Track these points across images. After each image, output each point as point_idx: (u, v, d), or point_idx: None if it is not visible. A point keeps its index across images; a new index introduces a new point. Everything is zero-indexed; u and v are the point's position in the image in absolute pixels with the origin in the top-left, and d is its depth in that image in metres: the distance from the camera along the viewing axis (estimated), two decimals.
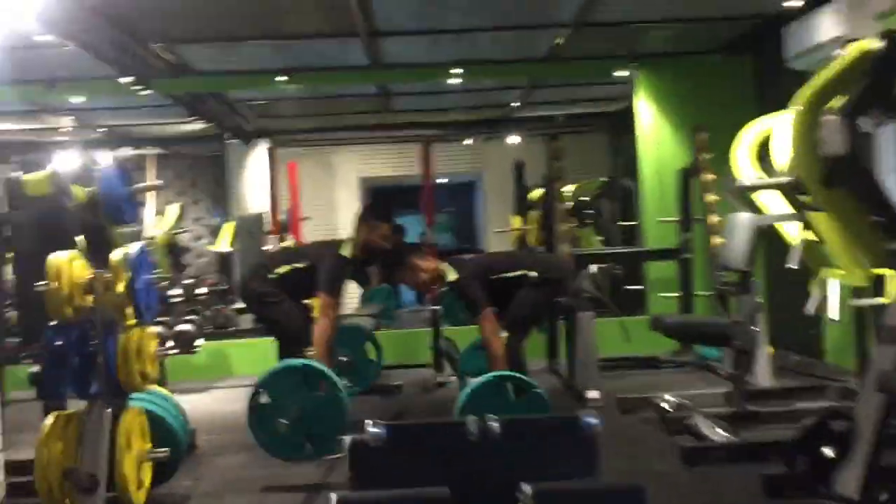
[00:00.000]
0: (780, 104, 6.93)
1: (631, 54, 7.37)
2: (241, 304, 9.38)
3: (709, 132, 6.52)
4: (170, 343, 6.66)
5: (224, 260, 10.13)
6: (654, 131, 7.50)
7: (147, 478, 3.54)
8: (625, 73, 7.68)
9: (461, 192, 14.91)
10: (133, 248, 3.47)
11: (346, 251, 4.67)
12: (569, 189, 9.00)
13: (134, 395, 3.55)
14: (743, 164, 4.70)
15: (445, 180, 15.33)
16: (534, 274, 4.64)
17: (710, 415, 4.47)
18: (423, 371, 7.11)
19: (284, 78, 7.31)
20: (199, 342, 6.92)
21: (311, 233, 8.88)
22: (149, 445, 3.56)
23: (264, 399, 3.94)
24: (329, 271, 4.57)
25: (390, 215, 5.01)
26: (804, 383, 5.41)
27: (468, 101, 9.63)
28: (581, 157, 12.44)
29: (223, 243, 9.86)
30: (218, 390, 6.90)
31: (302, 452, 3.96)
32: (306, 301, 4.90)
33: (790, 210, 4.55)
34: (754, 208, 4.75)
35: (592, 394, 5.42)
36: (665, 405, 4.83)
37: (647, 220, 7.52)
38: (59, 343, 3.34)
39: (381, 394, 6.20)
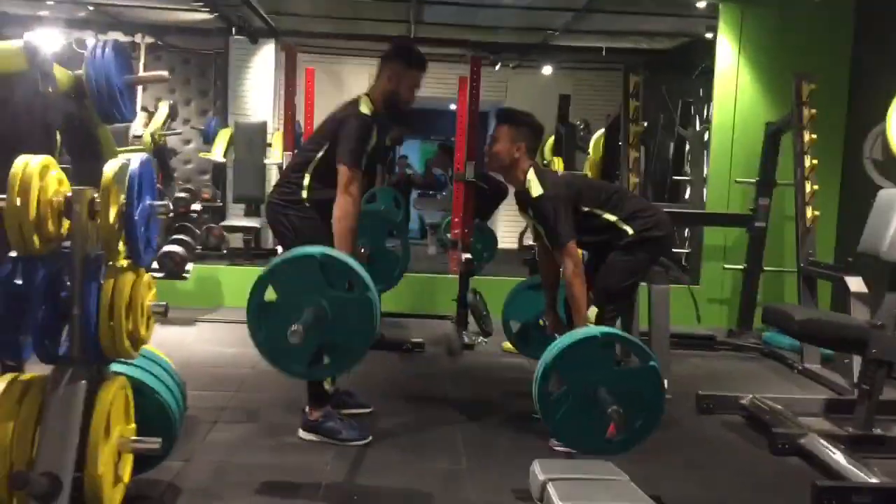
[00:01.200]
0: (887, 54, 6.08)
1: None
2: (242, 223, 8.47)
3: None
4: (155, 266, 5.74)
5: (217, 170, 9.08)
6: (735, 75, 6.52)
7: (127, 472, 2.62)
8: (702, 4, 6.68)
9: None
10: (134, 159, 2.47)
11: (365, 107, 3.53)
12: (599, 133, 8.02)
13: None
14: None
15: (454, 107, 14.30)
16: (629, 231, 3.66)
17: (825, 434, 3.64)
18: (442, 324, 6.23)
19: None
20: (189, 266, 6.00)
21: None
22: (132, 427, 2.63)
23: (271, 294, 2.94)
24: (349, 136, 3.41)
25: (424, 62, 3.70)
26: None
27: (508, 21, 8.53)
28: (608, 96, 11.51)
29: (218, 152, 8.78)
30: (207, 324, 5.96)
31: (315, 367, 3.02)
32: None
33: None
34: None
35: None
36: (759, 411, 4.01)
37: (713, 178, 6.59)
38: (19, 282, 2.38)
39: (400, 352, 5.31)
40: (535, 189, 3.61)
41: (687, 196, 7.66)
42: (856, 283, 4.60)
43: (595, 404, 2.97)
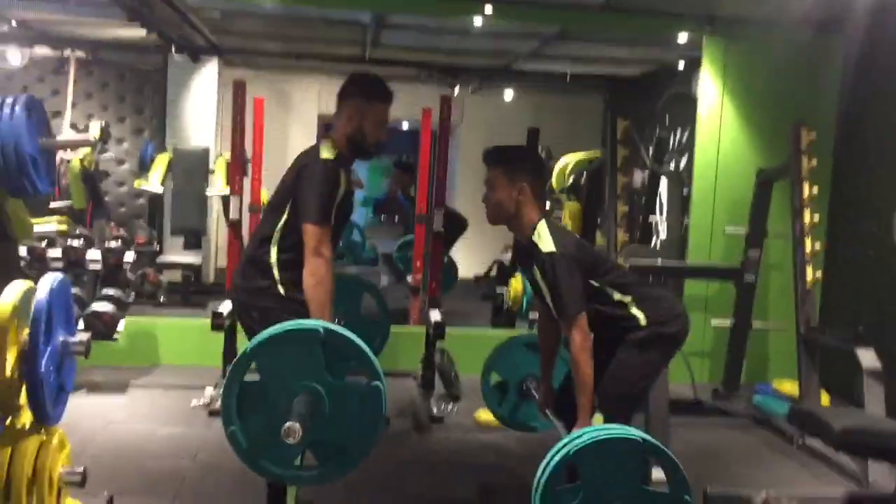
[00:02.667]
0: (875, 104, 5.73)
1: (703, 16, 5.91)
2: (181, 259, 7.81)
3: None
4: (80, 327, 5.06)
5: (154, 201, 8.37)
6: (719, 115, 6.09)
7: None
8: (685, 37, 6.24)
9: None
10: (44, 283, 1.86)
11: (327, 152, 3.03)
12: (564, 162, 7.55)
13: None
14: None
15: (406, 126, 13.77)
16: (641, 319, 3.16)
17: None
18: (405, 384, 5.65)
19: None
20: (121, 325, 5.33)
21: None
22: None
23: (253, 375, 2.37)
24: (312, 188, 2.91)
25: (389, 94, 3.21)
26: None
27: (471, 46, 8.00)
28: (569, 120, 11.09)
29: (154, 180, 8.06)
30: (141, 391, 5.28)
31: (298, 470, 2.47)
32: None
33: None
34: None
35: (659, 473, 4.06)
36: None
37: (695, 225, 6.16)
38: None
39: None
40: (546, 244, 3.04)
41: (662, 237, 7.23)
42: (869, 358, 4.20)
43: None
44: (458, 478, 4.11)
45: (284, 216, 3.03)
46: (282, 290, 2.98)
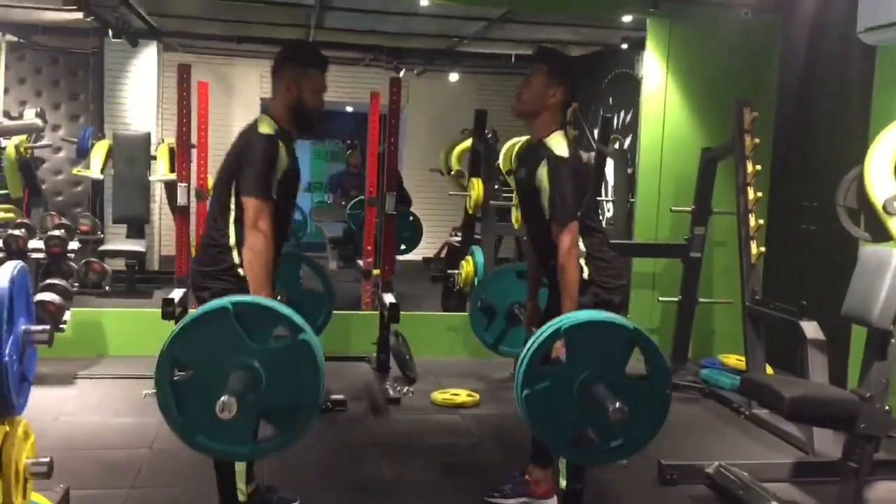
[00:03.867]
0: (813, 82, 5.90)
1: None
2: (124, 247, 7.67)
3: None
4: None
5: (95, 188, 8.17)
6: (663, 95, 6.17)
7: None
8: (629, 18, 6.34)
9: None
10: (5, 269, 1.81)
11: (265, 127, 3.01)
12: (511, 143, 7.59)
13: None
14: (880, 175, 3.45)
15: (350, 109, 13.67)
16: (585, 274, 3.14)
17: None
18: (359, 368, 5.65)
19: None
20: (67, 315, 5.20)
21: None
22: None
23: (181, 375, 2.38)
24: (251, 162, 2.89)
25: (323, 60, 3.19)
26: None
27: (416, 29, 7.97)
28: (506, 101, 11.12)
29: (95, 167, 7.87)
30: (90, 381, 5.17)
31: (258, 443, 2.51)
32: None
33: None
34: (879, 235, 3.54)
35: None
36: (728, 482, 3.65)
37: (641, 204, 6.25)
38: None
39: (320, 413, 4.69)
40: (561, 149, 3.11)
41: (608, 216, 7.34)
42: (812, 329, 4.31)
43: (584, 399, 2.52)
44: (416, 459, 4.12)
45: (233, 196, 2.99)
46: (241, 272, 2.95)
